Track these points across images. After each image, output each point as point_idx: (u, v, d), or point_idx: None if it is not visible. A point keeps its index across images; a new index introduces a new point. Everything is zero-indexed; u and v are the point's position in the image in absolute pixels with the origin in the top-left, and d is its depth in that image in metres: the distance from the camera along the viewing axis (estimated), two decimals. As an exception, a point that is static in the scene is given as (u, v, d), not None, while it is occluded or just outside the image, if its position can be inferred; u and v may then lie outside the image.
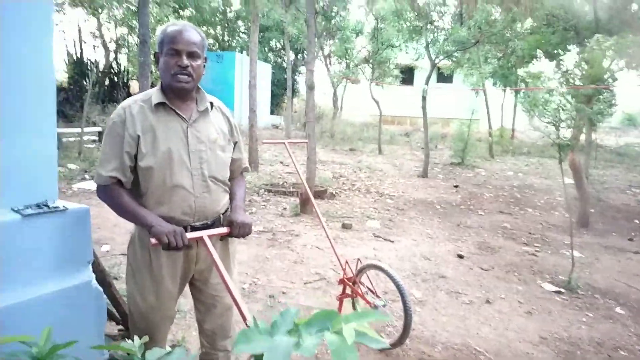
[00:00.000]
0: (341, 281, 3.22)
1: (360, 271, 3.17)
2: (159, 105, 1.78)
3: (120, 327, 2.63)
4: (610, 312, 3.79)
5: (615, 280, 4.54)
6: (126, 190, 1.76)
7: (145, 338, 1.21)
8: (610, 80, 6.64)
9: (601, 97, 5.16)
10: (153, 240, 1.62)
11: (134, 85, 16.67)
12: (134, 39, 17.22)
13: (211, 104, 1.91)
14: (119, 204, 1.74)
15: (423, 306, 3.69)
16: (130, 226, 1.96)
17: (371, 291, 3.09)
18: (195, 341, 2.89)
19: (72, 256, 1.78)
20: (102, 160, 1.74)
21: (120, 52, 17.92)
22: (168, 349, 2.66)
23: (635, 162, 14.79)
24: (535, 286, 4.31)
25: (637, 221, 7.26)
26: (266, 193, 7.64)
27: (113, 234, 4.92)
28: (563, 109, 4.06)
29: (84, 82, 14.41)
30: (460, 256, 5.00)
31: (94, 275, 1.89)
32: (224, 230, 1.81)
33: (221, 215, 1.91)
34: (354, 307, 3.24)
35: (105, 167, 1.72)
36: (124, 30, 17.38)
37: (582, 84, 4.79)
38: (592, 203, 7.43)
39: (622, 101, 7.58)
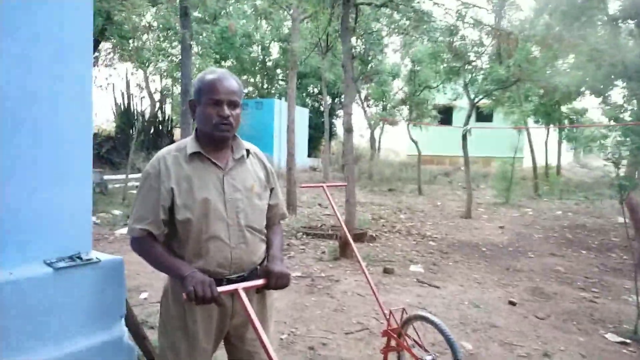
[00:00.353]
0: (385, 333, 3.03)
1: (406, 322, 2.98)
2: (194, 154, 1.74)
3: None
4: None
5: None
6: (159, 242, 1.71)
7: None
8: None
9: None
10: (184, 296, 1.53)
11: (177, 133, 17.30)
12: (177, 89, 18.01)
13: (247, 151, 1.85)
14: (151, 256, 1.69)
15: (474, 359, 3.41)
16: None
17: (418, 344, 2.88)
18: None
19: (104, 310, 1.73)
20: (135, 213, 1.71)
21: (164, 102, 18.74)
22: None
23: (696, 198, 13.85)
24: (598, 337, 3.94)
25: None
26: (304, 236, 7.54)
27: (152, 279, 4.90)
28: (623, 145, 3.82)
29: (131, 131, 15.05)
30: (513, 303, 4.68)
31: (126, 330, 1.82)
32: (260, 282, 1.71)
33: (258, 267, 1.82)
34: (399, 362, 3.03)
35: (138, 221, 1.68)
36: (168, 81, 18.22)
37: (632, 119, 4.53)
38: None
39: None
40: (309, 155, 21.13)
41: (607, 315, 4.43)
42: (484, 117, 17.58)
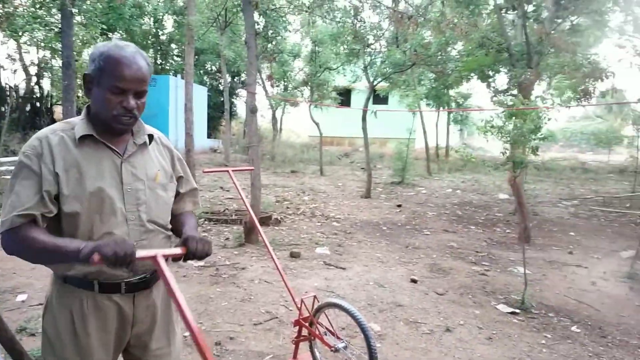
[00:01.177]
0: (297, 322, 2.94)
1: (318, 310, 2.91)
2: (85, 137, 1.45)
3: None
4: (567, 332, 3.76)
5: (565, 296, 4.57)
6: (42, 229, 1.39)
7: None
8: (538, 100, 6.94)
9: (534, 115, 5.33)
10: (96, 257, 1.24)
11: (58, 110, 15.59)
12: (57, 62, 16.18)
13: (150, 136, 1.60)
14: (37, 244, 1.33)
15: (383, 340, 3.47)
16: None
17: (331, 332, 2.83)
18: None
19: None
20: (10, 203, 1.36)
21: (42, 77, 16.74)
22: None
23: (561, 175, 15.69)
24: (491, 308, 4.23)
25: (572, 233, 7.54)
26: (207, 222, 7.21)
27: (31, 278, 4.34)
28: (517, 129, 4.09)
29: (2, 109, 13.28)
30: (414, 281, 4.86)
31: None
32: (178, 250, 1.46)
33: None
34: (311, 351, 2.96)
35: (15, 208, 1.35)
36: (46, 53, 16.27)
37: (514, 104, 4.89)
38: (529, 218, 7.64)
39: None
40: (209, 137, 20.34)
41: (498, 287, 4.79)
42: (381, 99, 18.17)
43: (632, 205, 10.13)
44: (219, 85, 21.16)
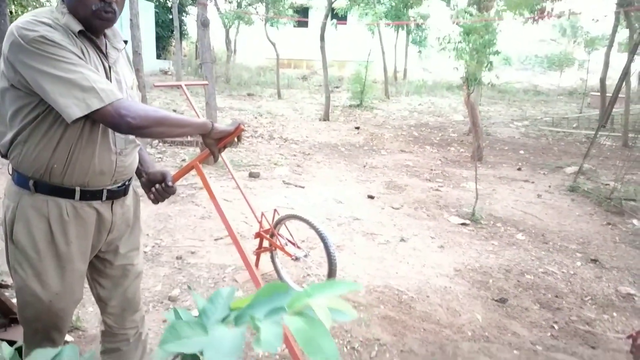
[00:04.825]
0: (258, 235, 2.98)
1: (278, 223, 2.95)
2: (81, 34, 1.33)
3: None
4: (513, 239, 4.01)
5: (512, 208, 4.84)
6: None
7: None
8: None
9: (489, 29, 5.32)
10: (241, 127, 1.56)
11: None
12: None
13: (126, 41, 1.54)
14: (152, 111, 1.33)
15: (341, 251, 3.59)
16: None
17: (291, 242, 2.90)
18: (92, 320, 2.51)
19: None
20: (84, 80, 1.23)
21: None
22: (70, 338, 2.23)
23: (514, 97, 16.07)
24: (444, 220, 4.43)
25: (522, 152, 7.87)
26: (161, 144, 7.01)
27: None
28: (473, 43, 4.07)
29: None
30: (371, 197, 4.99)
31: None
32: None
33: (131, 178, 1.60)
34: (273, 261, 3.04)
35: (96, 82, 1.25)
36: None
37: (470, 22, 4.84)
38: (483, 138, 7.87)
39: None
40: (158, 57, 19.25)
41: (450, 202, 4.99)
42: (339, 18, 17.58)
43: (578, 125, 10.58)
44: (167, 1, 19.73)
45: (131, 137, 1.49)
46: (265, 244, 2.99)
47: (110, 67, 1.42)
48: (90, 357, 0.80)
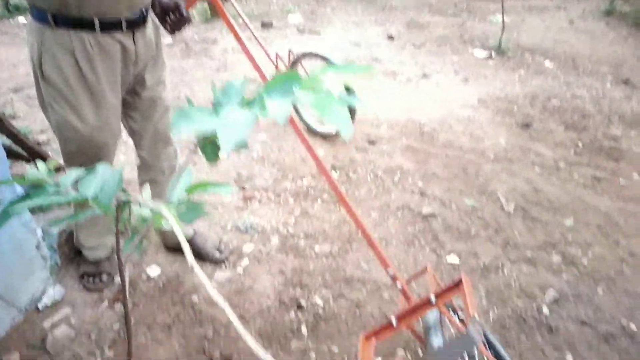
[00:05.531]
0: (275, 76, 2.91)
1: (295, 62, 2.87)
2: None
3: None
4: (541, 67, 3.84)
5: (542, 37, 4.55)
6: None
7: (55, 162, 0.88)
8: None
9: None
10: None
11: None
12: None
13: None
14: None
15: (361, 90, 3.53)
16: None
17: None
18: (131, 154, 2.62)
19: None
20: None
21: None
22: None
23: None
24: (468, 54, 4.24)
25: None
26: None
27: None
28: None
29: None
30: (391, 37, 4.75)
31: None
32: None
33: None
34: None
35: None
36: None
37: None
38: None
39: None
40: None
41: (475, 35, 4.72)
42: None
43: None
44: None
45: None
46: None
47: None
48: (119, 171, 0.82)
